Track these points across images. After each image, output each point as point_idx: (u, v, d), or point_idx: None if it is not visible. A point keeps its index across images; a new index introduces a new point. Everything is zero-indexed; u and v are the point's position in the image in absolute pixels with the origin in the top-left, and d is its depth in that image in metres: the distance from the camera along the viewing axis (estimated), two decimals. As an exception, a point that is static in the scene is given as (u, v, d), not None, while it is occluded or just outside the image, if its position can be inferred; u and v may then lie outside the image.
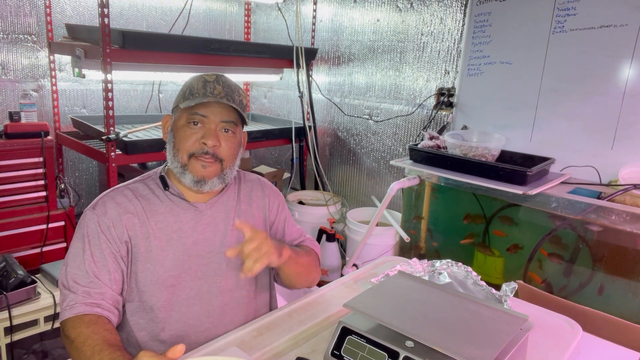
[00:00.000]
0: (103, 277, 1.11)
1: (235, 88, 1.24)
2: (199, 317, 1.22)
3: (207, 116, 1.18)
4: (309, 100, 3.24)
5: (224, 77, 1.24)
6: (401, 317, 0.98)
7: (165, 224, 1.19)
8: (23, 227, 2.51)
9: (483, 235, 2.33)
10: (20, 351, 2.26)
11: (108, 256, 1.13)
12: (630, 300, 1.79)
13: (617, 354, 1.16)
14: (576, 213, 1.86)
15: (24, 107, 2.58)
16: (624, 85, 2.02)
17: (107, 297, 1.11)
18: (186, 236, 1.21)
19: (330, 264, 2.76)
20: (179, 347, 0.88)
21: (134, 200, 1.20)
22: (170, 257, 1.18)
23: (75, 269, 1.11)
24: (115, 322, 1.12)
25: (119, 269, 1.14)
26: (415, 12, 2.76)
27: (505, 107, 2.41)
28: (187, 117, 1.19)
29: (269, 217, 1.38)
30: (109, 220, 1.15)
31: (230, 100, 1.19)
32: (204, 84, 1.19)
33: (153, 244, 1.17)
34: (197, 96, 1.18)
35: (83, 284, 1.10)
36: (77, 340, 1.01)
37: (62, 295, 1.11)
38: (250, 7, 3.77)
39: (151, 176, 1.28)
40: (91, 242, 1.14)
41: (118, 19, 3.10)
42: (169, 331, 1.19)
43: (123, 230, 1.15)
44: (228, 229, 1.27)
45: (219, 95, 1.18)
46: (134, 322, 1.19)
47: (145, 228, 1.17)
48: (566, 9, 2.16)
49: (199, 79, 1.21)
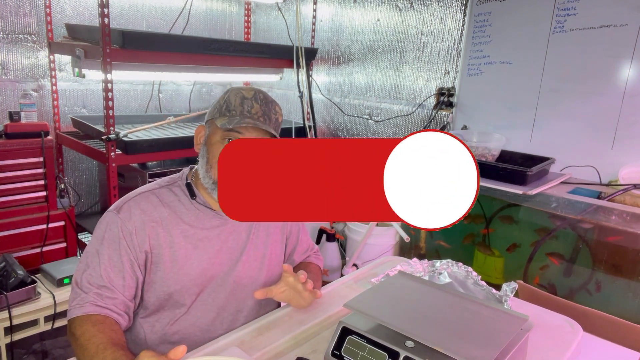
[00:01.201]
0: (117, 284, 1.11)
1: (272, 105, 1.22)
2: (213, 323, 1.22)
3: (243, 134, 1.16)
4: (309, 100, 3.24)
5: (262, 93, 1.22)
6: (401, 317, 0.98)
7: (191, 233, 1.19)
8: (23, 227, 2.51)
9: (483, 235, 2.33)
10: (20, 351, 2.26)
11: (126, 262, 1.13)
12: (630, 300, 1.79)
13: (617, 354, 1.16)
14: (576, 213, 1.87)
15: (24, 107, 2.58)
16: (624, 85, 2.02)
17: (118, 302, 1.11)
18: (210, 245, 1.21)
19: (330, 264, 2.76)
20: (181, 348, 0.88)
21: (160, 207, 1.19)
22: (195, 266, 1.18)
23: (91, 270, 1.11)
24: (124, 325, 1.13)
25: (134, 276, 1.14)
26: (415, 12, 2.76)
27: (505, 107, 2.41)
28: (222, 134, 1.17)
29: (286, 225, 1.40)
30: (132, 226, 1.14)
31: (267, 120, 1.18)
32: (241, 101, 1.17)
33: (178, 252, 1.17)
34: (234, 114, 1.16)
35: (96, 286, 1.10)
36: (83, 338, 1.01)
37: (74, 292, 1.11)
38: (250, 7, 3.77)
39: (177, 182, 1.26)
40: (111, 245, 1.13)
41: (118, 19, 3.10)
42: (181, 335, 1.19)
43: (145, 239, 1.15)
44: (249, 237, 1.27)
45: (255, 115, 1.17)
46: (148, 325, 1.19)
47: (170, 236, 1.17)
48: (566, 9, 2.16)
49: (236, 94, 1.19)
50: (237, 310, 1.26)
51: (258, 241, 1.29)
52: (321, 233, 2.84)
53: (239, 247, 1.25)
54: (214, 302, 1.22)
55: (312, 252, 1.49)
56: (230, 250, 1.24)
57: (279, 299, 1.22)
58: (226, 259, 1.23)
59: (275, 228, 1.35)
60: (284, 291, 1.20)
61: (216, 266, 1.21)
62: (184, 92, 3.59)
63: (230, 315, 1.25)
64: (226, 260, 1.23)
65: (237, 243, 1.25)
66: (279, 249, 1.35)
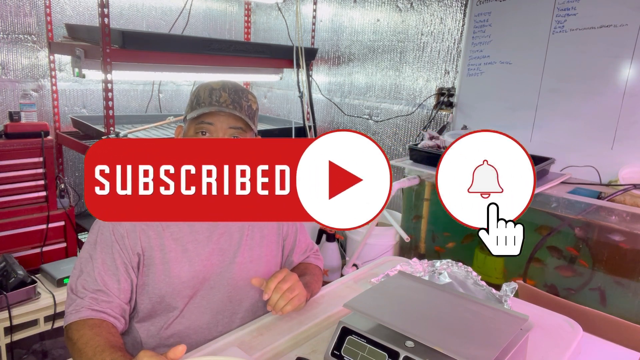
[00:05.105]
0: (112, 287, 1.11)
1: (243, 93, 1.22)
2: (208, 326, 1.22)
3: (214, 124, 1.17)
4: (309, 100, 3.23)
5: (230, 83, 1.22)
6: (401, 317, 0.98)
7: (181, 235, 1.19)
8: (23, 227, 2.51)
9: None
10: (20, 351, 2.26)
11: (120, 265, 1.13)
12: (630, 300, 1.79)
13: (617, 354, 1.16)
14: (576, 213, 1.86)
15: (24, 107, 2.58)
16: (624, 85, 2.02)
17: (114, 306, 1.11)
18: (202, 247, 1.20)
19: (330, 264, 2.76)
20: (180, 348, 0.88)
21: None
22: (186, 269, 1.18)
23: (86, 275, 1.11)
24: (121, 329, 1.12)
25: (128, 279, 1.14)
26: (415, 12, 2.76)
27: (505, 107, 2.41)
28: (195, 127, 1.18)
29: (282, 226, 1.38)
30: (124, 229, 1.14)
31: (237, 107, 1.18)
32: (210, 92, 1.18)
33: (168, 255, 1.17)
34: (202, 105, 1.17)
35: (92, 290, 1.10)
36: (80, 342, 1.01)
37: (69, 299, 1.11)
38: (250, 7, 3.77)
39: None
40: (104, 249, 1.13)
41: (118, 19, 3.10)
42: (177, 338, 1.19)
43: (137, 241, 1.15)
44: (242, 239, 1.26)
45: (224, 104, 1.17)
46: (144, 329, 1.19)
47: (160, 239, 1.17)
48: (566, 9, 2.16)
49: (205, 87, 1.20)
50: (233, 313, 1.25)
51: (253, 242, 1.27)
52: (321, 233, 2.84)
53: (231, 248, 1.24)
54: (209, 305, 1.22)
55: (312, 253, 1.48)
56: (222, 252, 1.23)
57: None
58: (218, 260, 1.22)
59: (270, 229, 1.33)
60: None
61: (208, 268, 1.21)
62: (184, 92, 3.59)
63: (226, 317, 1.24)
64: (218, 262, 1.22)
65: (229, 245, 1.24)
66: (274, 250, 1.34)
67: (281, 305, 1.13)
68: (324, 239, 2.79)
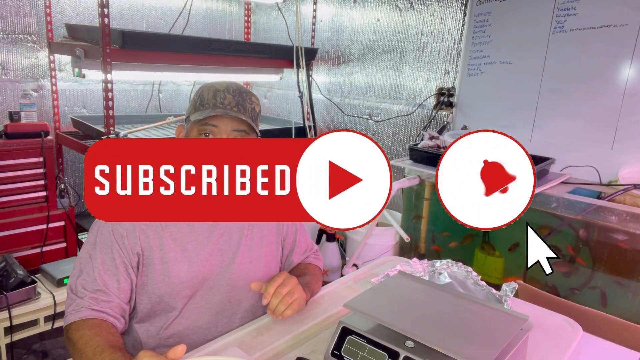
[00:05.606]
0: (112, 287, 1.11)
1: (247, 95, 1.22)
2: (207, 326, 1.22)
3: (218, 126, 1.17)
4: (309, 100, 3.23)
5: (234, 84, 1.22)
6: (401, 317, 0.98)
7: (180, 235, 1.19)
8: (23, 227, 2.51)
9: (483, 235, 2.33)
10: (20, 351, 2.26)
11: (119, 265, 1.13)
12: (631, 300, 1.79)
13: (617, 354, 1.16)
14: (576, 213, 1.86)
15: (24, 107, 2.58)
16: (624, 85, 2.02)
17: (114, 305, 1.11)
18: (201, 247, 1.20)
19: (330, 264, 2.76)
20: (180, 348, 0.88)
21: None
22: (185, 269, 1.18)
23: (85, 275, 1.11)
24: (121, 328, 1.12)
25: (128, 278, 1.14)
26: (415, 12, 2.76)
27: (505, 107, 2.41)
28: (199, 129, 1.18)
29: (282, 226, 1.38)
30: (123, 229, 1.14)
31: (241, 110, 1.18)
32: (214, 94, 1.18)
33: (168, 255, 1.17)
34: (207, 107, 1.17)
35: (91, 290, 1.10)
36: (80, 342, 1.01)
37: (69, 299, 1.11)
38: (250, 7, 3.77)
39: None
40: (103, 249, 1.13)
41: (118, 19, 3.10)
42: (176, 339, 1.19)
43: (136, 241, 1.15)
44: (242, 239, 1.26)
45: (229, 106, 1.17)
46: (143, 330, 1.19)
47: (160, 239, 1.17)
48: (566, 8, 2.16)
49: (209, 88, 1.19)
50: (232, 313, 1.25)
51: (252, 243, 1.27)
52: (321, 233, 2.84)
53: (231, 249, 1.24)
54: (208, 305, 1.22)
55: (312, 253, 1.48)
56: (221, 252, 1.23)
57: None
58: (217, 261, 1.22)
59: (270, 229, 1.33)
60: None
61: (207, 268, 1.20)
62: (184, 92, 3.59)
63: (225, 318, 1.24)
64: (218, 263, 1.22)
65: (229, 245, 1.24)
66: (274, 251, 1.34)
67: (281, 309, 1.13)
68: (324, 239, 2.79)
